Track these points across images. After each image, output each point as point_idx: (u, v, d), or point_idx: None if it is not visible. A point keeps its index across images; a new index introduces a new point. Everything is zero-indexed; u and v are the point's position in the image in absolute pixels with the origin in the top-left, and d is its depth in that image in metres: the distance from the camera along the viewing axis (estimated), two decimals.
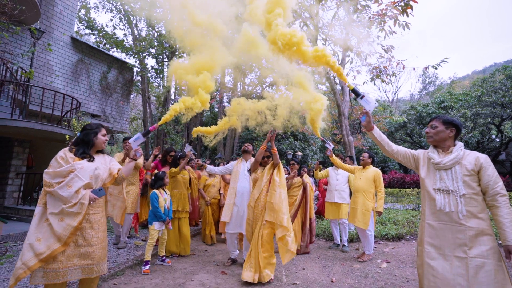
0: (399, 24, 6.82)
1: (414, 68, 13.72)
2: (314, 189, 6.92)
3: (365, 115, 2.26)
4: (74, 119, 7.30)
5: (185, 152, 4.32)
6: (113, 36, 13.68)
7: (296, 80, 3.71)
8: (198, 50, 3.28)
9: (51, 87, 8.42)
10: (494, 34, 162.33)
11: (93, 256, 2.19)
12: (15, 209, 6.91)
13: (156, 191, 3.80)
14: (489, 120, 16.40)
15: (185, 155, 4.33)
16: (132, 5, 9.14)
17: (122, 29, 14.35)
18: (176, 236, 4.29)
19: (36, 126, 6.31)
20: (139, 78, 13.89)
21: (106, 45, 13.71)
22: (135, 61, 13.17)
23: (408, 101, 37.20)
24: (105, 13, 14.53)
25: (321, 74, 8.48)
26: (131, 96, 14.34)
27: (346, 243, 4.92)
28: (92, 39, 15.79)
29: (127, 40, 14.15)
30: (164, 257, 3.91)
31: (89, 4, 14.21)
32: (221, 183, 5.65)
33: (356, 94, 2.46)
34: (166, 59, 14.36)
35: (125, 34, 14.33)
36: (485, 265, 1.82)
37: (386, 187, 16.08)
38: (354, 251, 4.83)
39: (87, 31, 14.16)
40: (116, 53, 13.54)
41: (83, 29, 14.45)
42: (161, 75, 13.96)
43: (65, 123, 7.54)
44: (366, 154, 4.52)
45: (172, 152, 4.71)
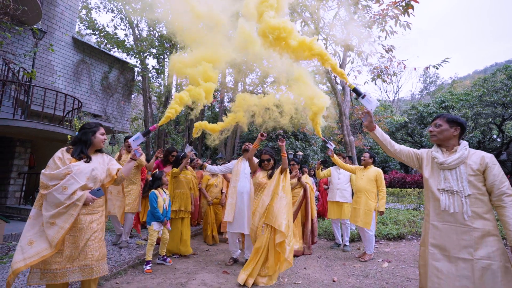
0: (400, 24, 6.83)
1: (415, 68, 13.64)
2: (315, 190, 6.90)
3: (366, 115, 2.24)
4: (75, 119, 7.33)
5: (186, 152, 4.33)
6: (114, 36, 13.69)
7: (297, 76, 3.63)
8: (198, 44, 3.21)
9: (53, 87, 8.45)
10: (495, 33, 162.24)
11: (91, 257, 2.17)
12: (17, 209, 6.94)
13: (155, 191, 3.75)
14: (490, 120, 16.35)
15: (186, 155, 4.34)
16: (133, 5, 9.14)
17: (123, 29, 14.35)
18: (178, 236, 4.28)
19: (38, 126, 6.33)
20: (140, 78, 13.90)
21: (107, 45, 13.72)
22: (136, 61, 13.18)
23: (409, 101, 37.17)
24: (106, 13, 14.55)
25: (322, 75, 8.49)
26: (132, 96, 14.37)
27: (347, 243, 4.92)
28: (93, 39, 15.82)
29: (128, 40, 14.16)
30: (165, 257, 3.91)
31: (90, 4, 14.23)
32: (223, 183, 5.60)
33: (358, 93, 2.47)
34: (167, 59, 14.37)
35: (126, 34, 14.34)
36: (492, 266, 1.77)
37: (387, 187, 16.03)
38: (355, 250, 4.83)
39: (88, 31, 14.17)
40: (117, 53, 13.56)
41: (84, 29, 14.47)
42: (162, 75, 13.97)
43: (66, 123, 7.57)
44: (367, 154, 4.51)
45: (174, 152, 4.71)
